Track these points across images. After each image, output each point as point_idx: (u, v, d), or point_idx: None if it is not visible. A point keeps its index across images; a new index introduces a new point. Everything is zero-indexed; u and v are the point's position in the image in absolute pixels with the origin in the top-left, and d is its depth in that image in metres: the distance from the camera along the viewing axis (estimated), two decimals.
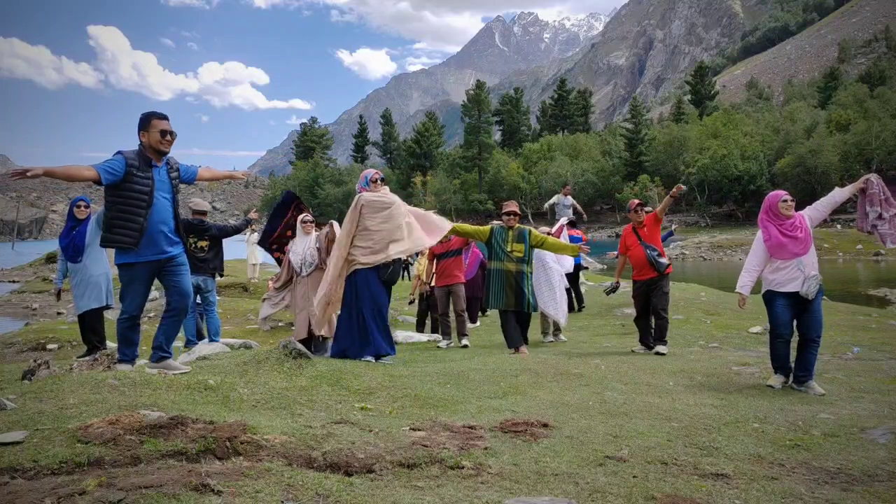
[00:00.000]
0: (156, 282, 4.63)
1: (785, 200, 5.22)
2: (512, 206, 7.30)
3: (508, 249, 7.11)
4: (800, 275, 5.10)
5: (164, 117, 4.46)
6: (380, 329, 5.77)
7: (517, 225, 7.22)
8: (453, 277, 8.67)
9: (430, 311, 10.06)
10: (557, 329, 8.94)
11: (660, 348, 7.05)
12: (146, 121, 4.42)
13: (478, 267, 10.84)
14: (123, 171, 4.27)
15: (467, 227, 7.31)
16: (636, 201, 7.56)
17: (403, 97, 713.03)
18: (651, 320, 7.33)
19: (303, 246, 6.54)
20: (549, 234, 8.58)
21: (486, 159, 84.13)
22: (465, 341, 8.71)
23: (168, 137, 4.43)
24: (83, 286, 6.89)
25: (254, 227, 20.35)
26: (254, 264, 18.70)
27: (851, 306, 13.14)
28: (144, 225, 4.34)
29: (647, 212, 7.52)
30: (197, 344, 6.92)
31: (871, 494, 2.74)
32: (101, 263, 7.15)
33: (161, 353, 4.55)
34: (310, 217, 6.78)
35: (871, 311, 12.18)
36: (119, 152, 4.35)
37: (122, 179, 4.28)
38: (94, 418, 3.00)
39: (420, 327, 10.30)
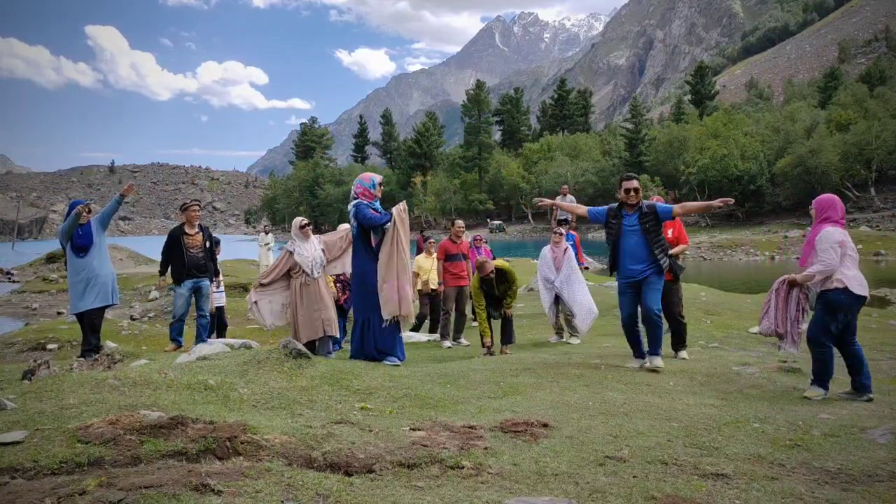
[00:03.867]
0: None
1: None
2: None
3: None
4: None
5: (630, 177, 5.84)
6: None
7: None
8: (464, 279, 8.94)
9: (432, 313, 10.05)
10: (564, 331, 8.78)
11: (683, 354, 6.66)
12: (618, 182, 5.87)
13: None
14: (605, 216, 5.84)
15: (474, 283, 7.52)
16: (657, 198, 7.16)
17: (403, 97, 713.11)
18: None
19: (310, 249, 6.55)
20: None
21: (486, 159, 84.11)
22: (464, 340, 8.73)
23: (632, 193, 5.69)
24: (88, 284, 6.88)
25: (266, 228, 20.48)
26: (266, 265, 18.85)
27: None
28: (617, 256, 5.75)
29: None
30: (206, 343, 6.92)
31: (871, 494, 2.74)
32: (108, 263, 7.15)
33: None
34: (306, 221, 6.80)
35: (871, 311, 12.18)
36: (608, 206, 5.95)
37: (604, 223, 5.87)
38: (94, 418, 3.00)
39: (417, 327, 10.29)
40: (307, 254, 6.49)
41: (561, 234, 8.72)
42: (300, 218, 6.86)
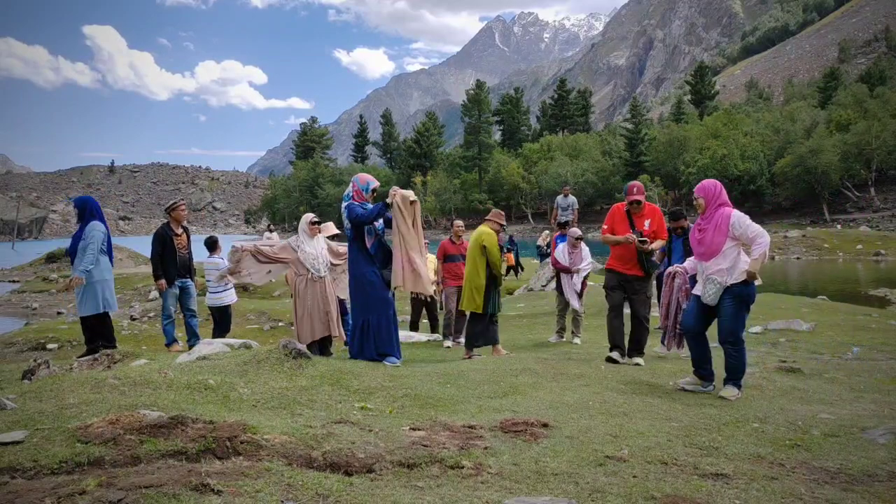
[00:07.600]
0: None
1: (695, 198, 4.97)
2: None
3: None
4: (701, 279, 4.87)
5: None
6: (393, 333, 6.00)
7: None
8: (462, 279, 8.85)
9: (428, 312, 10.03)
10: (565, 331, 8.76)
11: (638, 360, 6.18)
12: None
13: None
14: None
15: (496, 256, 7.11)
16: (637, 189, 6.28)
17: (403, 97, 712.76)
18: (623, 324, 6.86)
19: (316, 247, 6.52)
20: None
21: (486, 159, 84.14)
22: (463, 340, 8.73)
23: None
24: (91, 289, 6.87)
25: (270, 227, 20.58)
26: None
27: (851, 306, 13.13)
28: None
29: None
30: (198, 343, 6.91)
31: (871, 494, 2.74)
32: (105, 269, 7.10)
33: None
34: (317, 218, 6.77)
35: (871, 311, 12.17)
36: None
37: None
38: (94, 418, 3.00)
39: (414, 327, 10.26)
40: (311, 251, 6.47)
41: (580, 238, 8.63)
42: (311, 214, 6.78)
